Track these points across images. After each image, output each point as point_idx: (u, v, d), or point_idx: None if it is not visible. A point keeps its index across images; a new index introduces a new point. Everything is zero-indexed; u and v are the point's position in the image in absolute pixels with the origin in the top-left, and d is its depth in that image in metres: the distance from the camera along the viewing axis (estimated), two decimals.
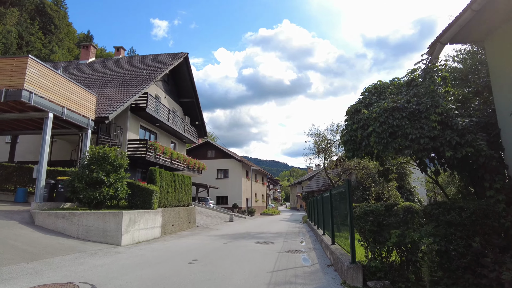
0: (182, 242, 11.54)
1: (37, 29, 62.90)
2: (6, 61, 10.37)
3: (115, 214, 9.72)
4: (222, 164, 40.24)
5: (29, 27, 61.32)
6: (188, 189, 17.56)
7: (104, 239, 9.53)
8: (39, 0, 68.97)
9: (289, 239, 13.21)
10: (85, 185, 10.68)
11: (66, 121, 12.17)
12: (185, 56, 25.84)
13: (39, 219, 9.72)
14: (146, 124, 21.73)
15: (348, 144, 6.48)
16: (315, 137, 20.10)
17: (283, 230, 17.96)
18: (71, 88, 12.29)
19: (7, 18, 57.25)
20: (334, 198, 8.16)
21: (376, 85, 7.02)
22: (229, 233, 15.73)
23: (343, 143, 6.65)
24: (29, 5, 64.29)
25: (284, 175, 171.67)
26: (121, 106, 16.03)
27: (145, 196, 12.29)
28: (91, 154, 11.12)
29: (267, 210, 47.77)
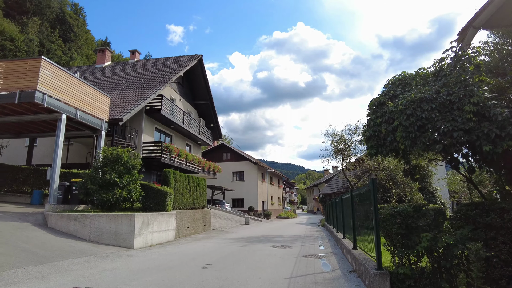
0: (196, 245, 11.23)
1: (57, 37, 64.80)
2: (20, 63, 10.38)
3: (128, 216, 9.50)
4: (237, 166, 39.97)
5: (50, 35, 63.23)
6: (203, 191, 17.29)
7: (117, 242, 9.31)
8: (59, 9, 71.23)
9: (307, 243, 12.70)
10: (97, 187, 10.53)
11: (79, 123, 12.12)
12: (199, 58, 25.75)
13: (52, 221, 9.62)
14: (161, 127, 21.68)
15: (371, 140, 5.99)
16: (332, 137, 19.52)
17: (301, 234, 17.43)
18: (85, 89, 12.24)
19: (29, 27, 59.21)
20: (355, 200, 7.65)
21: (400, 77, 6.49)
22: (245, 236, 15.34)
23: (366, 139, 6.16)
24: (50, 14, 66.40)
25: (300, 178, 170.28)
26: (135, 108, 15.96)
27: (158, 198, 12.07)
28: (104, 156, 10.98)
29: (283, 213, 47.14)
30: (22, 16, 59.37)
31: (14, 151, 19.14)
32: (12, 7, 59.64)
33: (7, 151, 18.66)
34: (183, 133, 24.58)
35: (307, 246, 11.57)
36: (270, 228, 22.56)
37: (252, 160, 39.54)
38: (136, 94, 18.32)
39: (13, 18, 57.59)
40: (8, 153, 18.88)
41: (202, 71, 27.13)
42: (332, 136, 19.48)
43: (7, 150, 18.61)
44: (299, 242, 12.73)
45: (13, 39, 49.84)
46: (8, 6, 59.13)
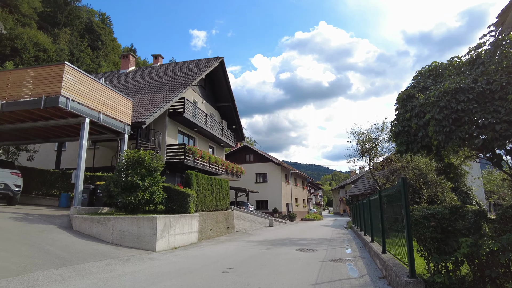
0: (219, 248, 11.06)
1: (86, 46, 67.56)
2: (46, 69, 10.66)
3: (149, 218, 9.47)
4: (261, 168, 39.73)
5: (79, 44, 66.05)
6: (226, 193, 17.17)
7: (139, 244, 9.29)
8: (88, 19, 74.34)
9: (333, 246, 12.22)
10: (120, 189, 10.60)
11: (102, 126, 12.31)
12: (220, 60, 25.78)
13: (76, 223, 9.76)
14: (184, 129, 21.83)
15: (400, 136, 5.54)
16: (358, 136, 18.80)
17: (327, 236, 16.89)
18: (107, 93, 12.43)
19: (60, 38, 62.12)
20: (384, 201, 7.17)
21: (431, 67, 5.98)
22: (268, 239, 15.03)
23: (394, 136, 5.71)
24: (79, 24, 69.45)
25: (325, 179, 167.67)
26: (158, 111, 16.10)
27: (181, 200, 12.01)
28: (126, 158, 11.06)
29: (308, 215, 46.36)
30: (54, 28, 62.34)
31: (45, 156, 19.90)
32: (45, 19, 62.77)
33: (39, 156, 19.43)
34: (206, 135, 24.66)
35: (333, 249, 11.10)
36: (295, 230, 22.11)
37: (276, 161, 39.17)
38: (159, 97, 18.52)
39: (46, 30, 60.59)
40: (40, 158, 19.65)
41: (223, 73, 27.15)
42: (358, 135, 18.79)
43: (39, 155, 19.37)
44: (325, 245, 12.27)
45: (46, 49, 52.39)
46: (42, 19, 62.34)
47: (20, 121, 11.81)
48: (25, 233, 7.99)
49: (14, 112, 10.78)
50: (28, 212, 10.48)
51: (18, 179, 11.78)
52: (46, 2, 64.51)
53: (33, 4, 59.80)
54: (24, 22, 56.26)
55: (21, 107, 10.44)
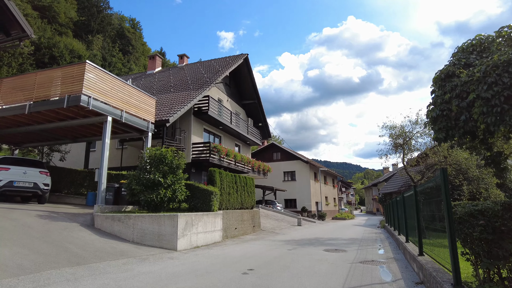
0: (242, 247, 10.66)
1: (118, 51, 70.10)
2: (68, 68, 10.77)
3: (170, 217, 9.24)
4: (289, 166, 39.03)
5: (111, 50, 68.65)
6: (251, 191, 16.78)
7: (159, 243, 9.09)
8: (119, 26, 77.12)
9: (364, 246, 11.44)
10: (142, 187, 10.48)
11: (125, 125, 12.31)
12: (245, 57, 25.44)
13: (98, 222, 9.73)
14: (209, 127, 21.71)
15: (438, 122, 4.81)
16: (390, 130, 17.69)
17: (358, 236, 16.03)
18: (129, 91, 12.42)
19: (93, 44, 64.92)
20: (421, 197, 6.42)
21: (474, 41, 5.17)
22: (295, 238, 14.44)
23: (431, 122, 4.99)
24: (111, 31, 72.26)
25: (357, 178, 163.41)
26: (181, 109, 16.00)
27: (204, 198, 11.75)
28: (148, 156, 10.94)
29: (339, 215, 45.02)
30: (88, 35, 65.21)
31: (77, 157, 20.49)
32: (80, 27, 65.81)
33: (71, 157, 20.04)
34: (231, 133, 24.43)
35: (364, 250, 10.34)
36: (324, 230, 21.31)
37: (304, 159, 38.32)
38: (183, 96, 18.47)
39: (80, 37, 63.51)
40: (72, 158, 20.28)
41: (248, 70, 26.81)
42: (390, 129, 17.68)
43: (71, 156, 19.98)
44: (355, 246, 11.51)
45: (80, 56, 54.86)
46: (77, 27, 65.41)
47: (48, 121, 12.06)
48: (47, 230, 8.00)
49: (41, 112, 10.99)
50: (55, 210, 10.63)
51: (47, 178, 12.04)
52: (81, 11, 67.60)
53: (69, 14, 62.83)
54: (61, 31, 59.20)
55: (46, 107, 10.61)
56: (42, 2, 56.79)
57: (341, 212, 50.90)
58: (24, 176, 11.28)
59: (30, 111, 10.82)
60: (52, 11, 59.26)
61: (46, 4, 57.44)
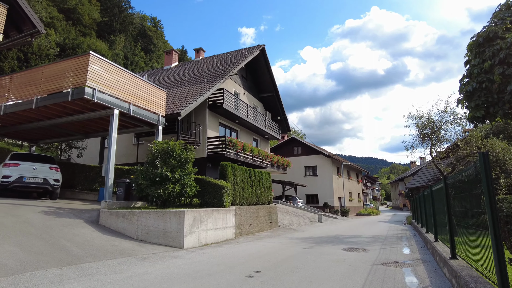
0: (255, 245, 10.01)
1: (140, 50, 71.32)
2: (72, 61, 10.46)
3: (176, 213, 8.72)
4: (310, 160, 37.97)
5: (133, 49, 69.88)
6: (267, 186, 16.08)
7: (165, 240, 8.60)
8: (141, 25, 78.39)
9: (388, 245, 10.49)
10: (149, 182, 10.04)
11: (134, 118, 11.92)
12: (261, 48, 24.65)
13: (102, 218, 9.37)
14: (225, 121, 21.17)
15: (475, 97, 3.91)
16: (417, 120, 16.38)
17: (382, 234, 14.99)
18: (137, 83, 12.01)
19: (116, 44, 66.30)
20: (452, 190, 5.50)
21: None
22: (314, 235, 13.64)
23: (466, 98, 4.09)
24: (133, 30, 73.58)
25: (383, 172, 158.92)
26: (194, 102, 15.49)
27: (215, 193, 11.18)
28: (155, 149, 10.48)
29: (364, 210, 43.53)
30: (110, 35, 66.67)
31: (95, 153, 20.50)
32: (103, 28, 67.42)
33: (89, 153, 20.11)
34: (249, 127, 23.79)
35: (388, 249, 9.42)
36: (346, 226, 20.31)
37: (325, 153, 37.14)
38: (196, 89, 17.98)
39: (103, 37, 65.08)
40: (90, 155, 20.36)
41: (265, 62, 26.02)
42: (416, 118, 16.36)
43: (89, 152, 20.05)
44: (378, 244, 10.59)
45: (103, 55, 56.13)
46: (100, 28, 67.07)
47: (57, 116, 11.88)
48: (47, 227, 7.68)
49: (48, 107, 10.78)
50: (63, 206, 10.41)
51: (57, 173, 11.88)
52: (103, 12, 69.20)
53: (93, 15, 64.49)
54: (85, 32, 60.79)
55: (52, 101, 10.37)
56: (67, 5, 58.51)
57: (365, 208, 49.28)
58: (34, 172, 11.16)
59: (38, 105, 10.63)
60: (77, 13, 60.95)
61: (71, 6, 59.14)
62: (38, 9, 47.23)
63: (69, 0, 58.19)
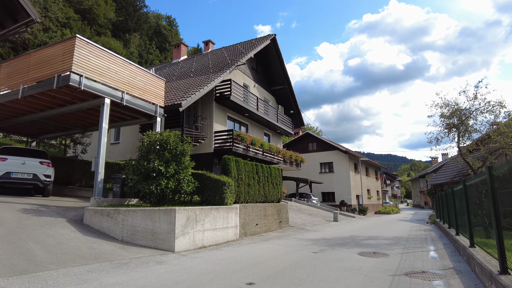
0: (259, 248, 8.90)
1: (155, 48, 71.54)
2: (59, 46, 9.60)
3: (166, 211, 7.70)
4: (325, 157, 36.45)
5: (148, 47, 70.28)
6: (277, 182, 14.91)
7: (153, 242, 7.60)
8: (156, 24, 78.73)
9: (411, 248, 9.15)
10: (140, 177, 9.09)
11: (128, 108, 11.00)
12: (272, 37, 23.44)
13: (87, 217, 8.47)
14: (234, 115, 20.12)
15: None
16: (442, 108, 14.76)
17: (403, 234, 13.58)
18: (132, 71, 11.08)
19: (131, 42, 66.72)
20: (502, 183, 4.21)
21: None
22: (327, 236, 12.40)
23: None
24: (148, 29, 73.99)
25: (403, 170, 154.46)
26: (197, 92, 14.47)
27: (216, 190, 10.14)
28: (148, 141, 9.50)
29: (383, 208, 41.64)
30: (125, 34, 67.19)
31: None
32: (118, 27, 67.99)
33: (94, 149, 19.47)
34: (259, 121, 22.65)
35: (412, 254, 8.11)
36: (363, 226, 18.88)
37: (342, 149, 35.54)
38: (201, 80, 16.97)
39: (118, 36, 65.62)
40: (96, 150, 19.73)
41: (277, 52, 24.78)
42: (441, 107, 14.74)
43: (93, 148, 19.41)
44: (400, 247, 9.26)
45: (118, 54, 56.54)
46: (115, 27, 67.67)
47: (48, 107, 11.12)
48: (20, 227, 6.82)
49: (35, 97, 10.00)
50: (50, 203, 9.62)
51: (48, 169, 11.13)
52: (118, 11, 69.81)
53: (108, 15, 65.15)
54: (100, 31, 61.30)
55: (37, 90, 9.56)
56: (83, 5, 59.23)
57: (385, 206, 47.28)
58: (22, 167, 10.43)
59: (24, 95, 9.85)
60: (92, 14, 61.63)
61: (86, 7, 59.85)
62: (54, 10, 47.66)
63: (85, 1, 58.86)
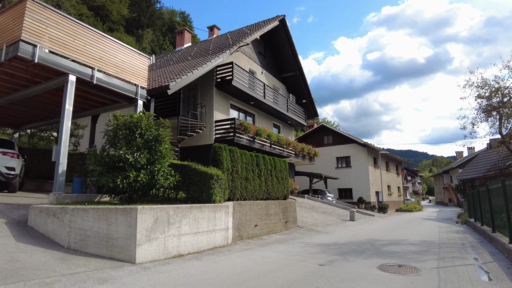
0: (250, 258, 7.03)
1: (168, 44, 71.02)
2: (8, 13, 7.97)
3: (125, 211, 5.92)
4: (342, 150, 34.08)
5: (162, 43, 69.91)
6: (282, 176, 12.96)
7: (108, 251, 5.84)
8: (169, 19, 78.29)
9: (448, 260, 7.04)
10: (103, 168, 7.37)
11: (102, 89, 9.30)
12: (281, 18, 21.38)
13: (31, 217, 6.82)
14: (238, 103, 18.27)
15: None
16: (479, 88, 12.38)
17: (432, 237, 11.38)
18: (106, 44, 9.36)
19: (144, 38, 66.33)
20: None
21: None
22: (340, 240, 10.38)
23: None
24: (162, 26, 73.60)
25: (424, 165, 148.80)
26: (189, 73, 12.67)
27: (201, 184, 8.33)
28: (115, 124, 7.74)
29: (404, 206, 38.87)
30: (138, 30, 66.89)
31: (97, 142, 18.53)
32: (132, 24, 67.76)
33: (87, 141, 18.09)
34: (268, 111, 20.72)
35: (452, 269, 6.02)
36: (384, 226, 16.67)
37: (360, 142, 33.08)
38: (198, 62, 15.16)
39: (131, 33, 65.39)
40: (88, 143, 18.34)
41: (287, 36, 22.73)
42: (478, 86, 12.36)
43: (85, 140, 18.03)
44: (433, 258, 7.17)
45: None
46: (128, 23, 67.48)
47: (10, 89, 9.59)
48: None
49: None
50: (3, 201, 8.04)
51: (12, 160, 9.63)
52: (131, 8, 69.62)
53: (122, 12, 64.96)
54: (113, 28, 60.99)
55: None
56: (96, 2, 59.07)
57: (406, 203, 44.38)
58: None
59: None
60: (105, 10, 61.52)
61: (100, 4, 59.71)
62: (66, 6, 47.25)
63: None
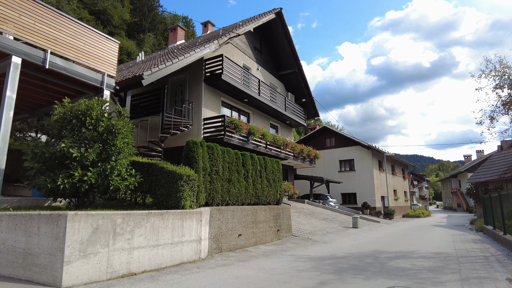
0: (223, 277, 5.56)
1: None
2: None
3: (51, 218, 4.51)
4: (345, 153, 32.45)
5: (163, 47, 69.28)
6: (275, 178, 11.48)
7: (26, 271, 4.41)
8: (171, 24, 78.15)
9: (474, 280, 5.50)
10: (42, 166, 5.99)
11: (60, 76, 7.95)
12: (277, 11, 20.06)
13: None
14: (230, 100, 16.89)
15: None
16: (498, 78, 10.84)
17: (447, 249, 9.79)
18: (63, 24, 8.05)
19: (145, 42, 65.83)
20: None
21: None
22: (339, 253, 8.84)
23: None
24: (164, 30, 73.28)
25: (430, 170, 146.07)
26: (167, 62, 11.32)
27: (168, 187, 6.91)
28: (62, 113, 6.34)
29: (412, 211, 37.01)
30: (140, 34, 66.47)
31: None
32: (133, 28, 67.34)
33: None
34: (264, 110, 19.30)
35: None
36: (390, 234, 15.05)
37: (364, 144, 31.45)
38: (181, 53, 13.82)
39: (133, 37, 64.93)
40: None
41: (284, 30, 21.39)
42: (497, 75, 10.83)
43: None
44: (453, 277, 5.63)
45: (130, 53, 55.54)
46: (130, 28, 67.04)
47: None
48: None
49: None
50: None
51: None
52: (133, 12, 69.39)
53: (124, 17, 64.63)
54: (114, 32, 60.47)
55: None
56: (97, 7, 58.71)
57: (413, 208, 42.48)
58: None
59: None
60: (107, 14, 61.13)
61: (101, 8, 59.41)
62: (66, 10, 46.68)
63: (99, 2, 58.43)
